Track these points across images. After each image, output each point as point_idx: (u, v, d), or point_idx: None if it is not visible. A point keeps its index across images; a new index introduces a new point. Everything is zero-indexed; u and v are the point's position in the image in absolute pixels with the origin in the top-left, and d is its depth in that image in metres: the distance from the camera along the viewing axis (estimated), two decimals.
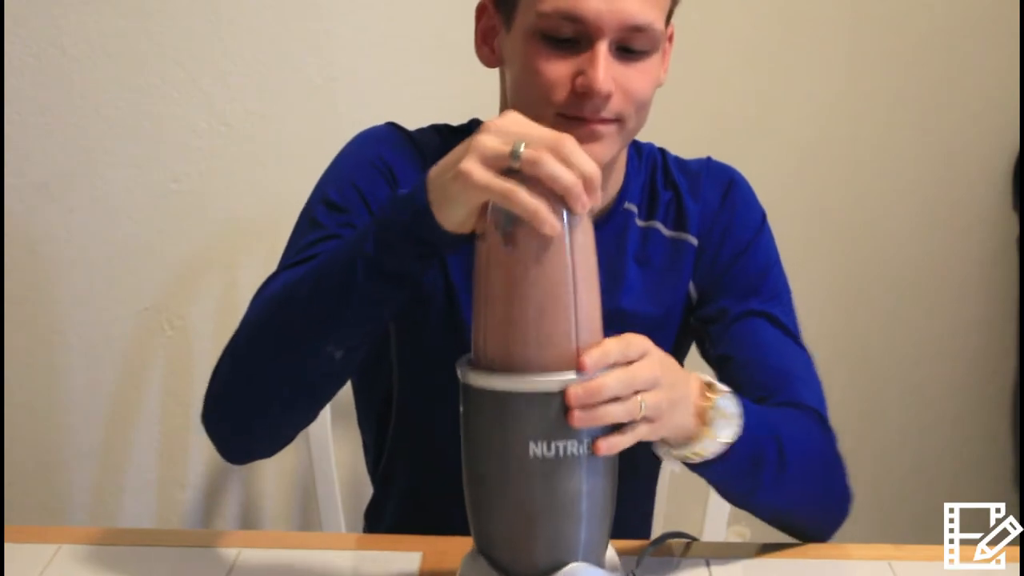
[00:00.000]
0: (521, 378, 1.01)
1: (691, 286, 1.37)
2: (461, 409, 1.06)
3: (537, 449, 1.01)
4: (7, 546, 1.23)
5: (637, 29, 1.18)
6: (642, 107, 1.24)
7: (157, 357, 2.00)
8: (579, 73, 1.18)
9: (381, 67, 2.03)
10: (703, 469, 1.13)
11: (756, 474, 1.16)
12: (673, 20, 1.27)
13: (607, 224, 1.34)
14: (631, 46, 1.20)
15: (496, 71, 1.32)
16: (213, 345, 1.99)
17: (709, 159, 1.42)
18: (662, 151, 1.42)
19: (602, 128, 1.21)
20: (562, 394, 1.00)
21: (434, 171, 1.04)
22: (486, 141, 0.99)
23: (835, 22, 2.31)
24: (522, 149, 0.97)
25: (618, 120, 1.22)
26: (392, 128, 1.36)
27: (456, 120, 1.37)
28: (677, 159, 1.42)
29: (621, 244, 1.35)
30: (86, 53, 1.90)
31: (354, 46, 2.02)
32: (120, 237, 1.96)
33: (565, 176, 0.97)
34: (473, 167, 0.98)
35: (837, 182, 2.36)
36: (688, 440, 1.10)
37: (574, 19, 1.17)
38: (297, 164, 1.48)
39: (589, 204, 0.98)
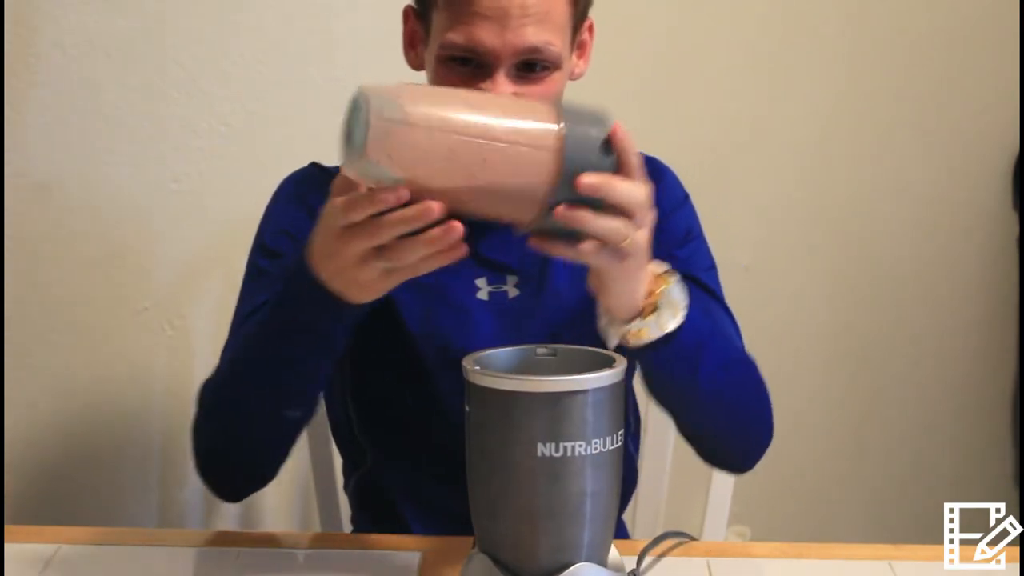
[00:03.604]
0: (530, 378, 1.02)
1: None
2: (467, 408, 1.06)
3: (545, 449, 1.02)
4: (7, 546, 1.23)
5: (534, 50, 1.25)
6: None
7: (157, 357, 2.00)
8: None
9: (382, 67, 2.02)
10: (644, 353, 1.16)
11: (696, 362, 1.19)
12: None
13: None
14: (532, 63, 1.26)
15: None
16: (213, 345, 1.99)
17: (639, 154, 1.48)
18: None
19: None
20: (572, 395, 1.01)
21: (328, 275, 1.11)
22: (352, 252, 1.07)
23: (835, 22, 2.31)
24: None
25: None
26: (314, 168, 1.44)
27: None
28: None
29: None
30: (86, 53, 1.90)
31: (355, 46, 2.01)
32: (120, 237, 1.96)
33: (422, 263, 1.06)
34: (367, 280, 1.08)
35: (837, 182, 2.36)
36: (631, 317, 1.13)
37: (471, 51, 1.25)
38: (297, 164, 1.48)
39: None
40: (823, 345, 2.40)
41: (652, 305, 1.13)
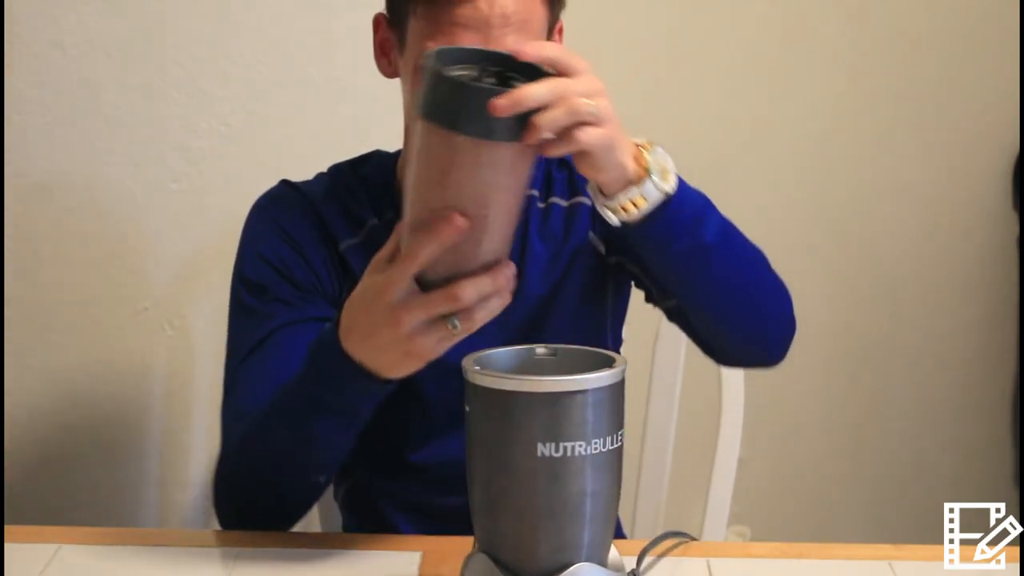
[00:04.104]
0: (530, 378, 1.02)
1: (592, 237, 1.41)
2: (467, 409, 1.06)
3: (545, 449, 1.02)
4: (7, 546, 1.23)
5: None
6: None
7: (157, 357, 2.00)
8: None
9: None
10: (646, 227, 1.14)
11: (699, 229, 1.16)
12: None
13: None
14: None
15: None
16: (213, 345, 1.99)
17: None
18: None
19: None
20: (572, 395, 1.01)
21: (368, 352, 1.11)
22: (414, 317, 1.07)
23: (835, 22, 2.31)
24: (456, 323, 1.07)
25: None
26: (283, 187, 1.44)
27: None
28: None
29: (525, 225, 1.40)
30: (86, 53, 1.90)
31: (355, 46, 2.01)
32: (120, 237, 1.96)
33: (485, 315, 1.08)
34: (425, 347, 1.08)
35: (837, 182, 2.37)
36: (627, 184, 1.11)
37: None
38: (297, 164, 1.48)
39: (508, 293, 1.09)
40: (823, 345, 2.40)
41: (643, 169, 1.11)
